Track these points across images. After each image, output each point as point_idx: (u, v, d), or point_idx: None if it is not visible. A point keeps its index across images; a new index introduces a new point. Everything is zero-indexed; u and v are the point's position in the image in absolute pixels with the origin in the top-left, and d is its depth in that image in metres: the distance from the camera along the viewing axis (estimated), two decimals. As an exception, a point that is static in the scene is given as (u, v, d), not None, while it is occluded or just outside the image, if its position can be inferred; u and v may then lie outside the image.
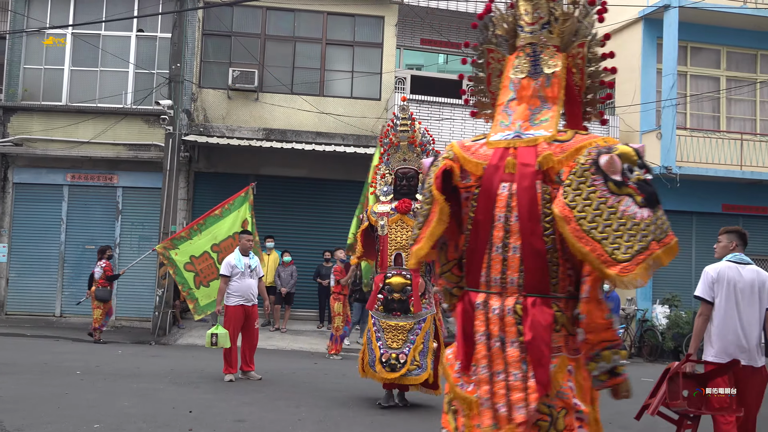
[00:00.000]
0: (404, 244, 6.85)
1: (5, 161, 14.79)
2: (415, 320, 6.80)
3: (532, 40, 2.91)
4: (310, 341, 13.19)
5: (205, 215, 10.43)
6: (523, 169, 2.71)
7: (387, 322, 6.82)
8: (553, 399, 2.60)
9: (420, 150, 7.22)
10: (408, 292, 6.78)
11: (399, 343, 6.73)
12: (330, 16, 15.49)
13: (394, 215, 7.02)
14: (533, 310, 2.63)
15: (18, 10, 14.88)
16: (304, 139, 14.73)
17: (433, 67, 18.77)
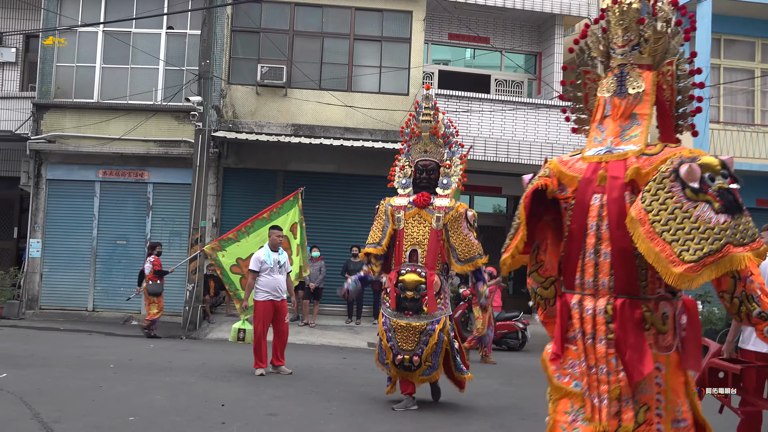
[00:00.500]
0: (420, 239, 6.44)
1: (39, 158, 15.02)
2: (428, 321, 6.33)
3: (623, 61, 3.22)
4: (338, 336, 13.22)
5: (253, 218, 10.32)
6: (612, 182, 3.01)
7: (398, 321, 6.36)
8: (638, 393, 2.86)
9: (442, 141, 6.80)
10: (422, 290, 6.30)
11: (411, 345, 6.30)
12: (358, 12, 15.48)
13: (411, 209, 6.59)
14: (623, 310, 2.91)
15: (50, 8, 15.08)
16: (332, 134, 14.76)
17: (460, 62, 18.70)
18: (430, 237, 6.46)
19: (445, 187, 6.69)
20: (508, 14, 17.32)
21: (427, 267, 6.39)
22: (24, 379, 7.44)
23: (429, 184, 6.72)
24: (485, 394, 8.11)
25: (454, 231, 6.44)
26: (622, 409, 2.86)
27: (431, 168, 6.73)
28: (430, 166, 6.73)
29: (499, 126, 15.18)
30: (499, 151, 14.91)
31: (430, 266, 6.38)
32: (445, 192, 6.65)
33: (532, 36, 18.11)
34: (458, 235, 6.44)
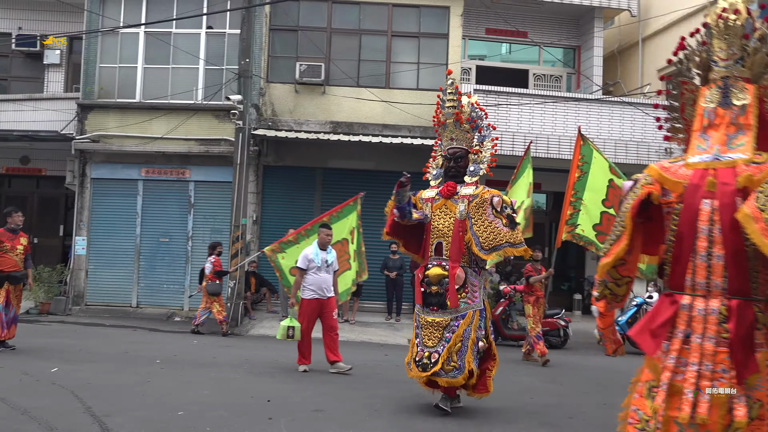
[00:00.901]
0: (446, 231, 6.14)
1: (83, 157, 15.32)
2: (451, 316, 6.02)
3: (726, 74, 3.38)
4: (378, 333, 13.25)
5: (313, 221, 10.22)
6: (723, 188, 3.15)
7: (425, 317, 6.13)
8: (751, 390, 3.03)
9: (469, 126, 6.40)
10: (446, 284, 6.01)
11: (434, 341, 6.03)
12: (395, 8, 15.47)
13: (438, 200, 6.32)
14: (737, 310, 3.07)
15: (93, 10, 15.37)
16: (371, 131, 14.78)
17: (496, 57, 18.58)
18: (453, 228, 6.15)
19: (473, 174, 6.34)
20: (546, 8, 17.15)
21: (451, 260, 6.08)
22: (74, 374, 7.61)
23: (458, 172, 6.40)
24: (528, 391, 8.06)
25: (477, 218, 6.07)
26: (735, 406, 2.99)
27: (459, 155, 6.40)
28: (458, 154, 6.40)
29: (538, 121, 15.05)
30: (538, 146, 14.77)
31: (454, 259, 6.08)
32: (472, 179, 6.32)
33: (571, 29, 17.91)
34: (482, 222, 6.03)
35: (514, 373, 9.56)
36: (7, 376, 7.38)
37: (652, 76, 17.79)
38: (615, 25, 18.86)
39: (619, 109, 15.37)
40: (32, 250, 16.30)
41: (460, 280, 6.04)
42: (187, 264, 15.22)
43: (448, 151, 6.48)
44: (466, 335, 5.95)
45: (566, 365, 10.49)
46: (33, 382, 7.09)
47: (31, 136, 15.84)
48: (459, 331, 5.92)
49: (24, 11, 17.65)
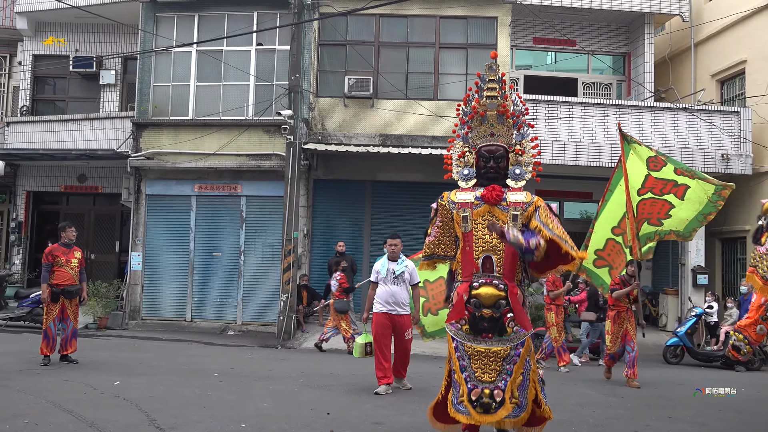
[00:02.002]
0: (495, 244, 5.00)
1: (138, 174, 15.67)
2: (512, 344, 4.93)
3: None
4: (436, 345, 13.11)
5: None
6: None
7: (475, 347, 4.93)
8: None
9: (512, 123, 5.29)
10: (502, 307, 4.89)
11: (492, 375, 4.89)
12: (442, 20, 15.49)
13: (480, 206, 5.12)
14: None
15: (147, 29, 15.76)
16: (420, 143, 14.78)
17: (543, 66, 18.43)
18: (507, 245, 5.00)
19: (518, 178, 5.27)
20: (594, 15, 16.96)
21: (506, 278, 5.01)
22: (136, 387, 7.74)
23: (498, 174, 5.26)
24: (589, 404, 7.90)
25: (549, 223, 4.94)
26: None
27: (499, 155, 5.24)
28: (498, 153, 5.24)
29: (589, 130, 14.85)
30: (590, 155, 14.58)
31: (508, 277, 5.02)
32: (518, 184, 5.24)
33: (620, 36, 17.67)
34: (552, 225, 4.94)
35: (571, 385, 9.39)
36: (73, 389, 7.54)
37: (705, 82, 17.41)
38: (666, 30, 18.54)
39: (673, 115, 15.08)
40: (89, 266, 16.78)
41: (520, 301, 5.09)
42: (239, 278, 15.40)
43: (484, 148, 5.29)
44: (527, 366, 4.98)
45: (622, 378, 10.25)
46: (98, 395, 7.23)
47: (88, 154, 16.27)
48: (521, 361, 4.94)
49: (80, 33, 18.20)
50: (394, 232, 12.28)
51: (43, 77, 18.95)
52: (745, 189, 15.64)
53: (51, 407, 6.49)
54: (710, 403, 8.32)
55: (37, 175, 18.16)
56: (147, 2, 15.82)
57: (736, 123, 14.98)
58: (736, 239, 16.46)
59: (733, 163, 14.80)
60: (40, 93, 18.95)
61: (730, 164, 14.78)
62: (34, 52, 18.35)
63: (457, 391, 4.97)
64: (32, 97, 18.49)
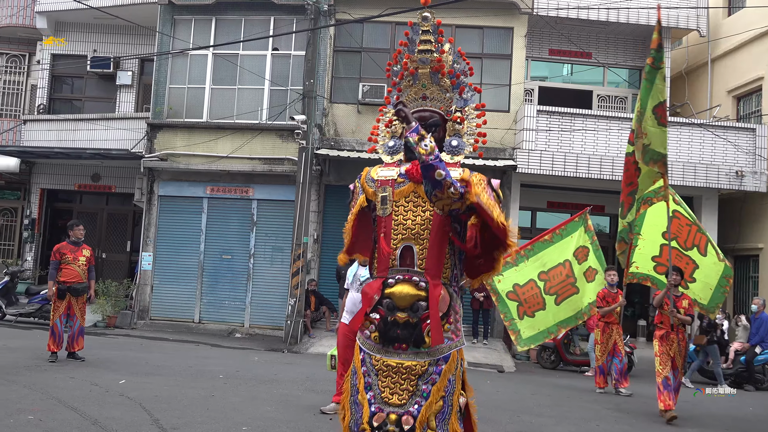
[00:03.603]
0: (418, 230, 3.68)
1: (151, 175, 15.75)
2: (431, 358, 3.58)
3: None
4: (438, 354, 13.12)
5: (533, 240, 9.54)
6: None
7: (385, 360, 3.68)
8: None
9: (449, 83, 4.07)
10: (421, 310, 3.59)
11: (403, 397, 3.62)
12: (458, 29, 15.51)
13: (403, 184, 3.82)
14: None
15: (165, 32, 15.87)
16: (433, 151, 14.75)
17: (558, 78, 18.39)
18: (432, 227, 3.72)
19: (455, 152, 4.04)
20: (611, 28, 16.91)
21: (428, 273, 3.67)
22: (142, 386, 7.76)
23: None
24: (594, 419, 7.85)
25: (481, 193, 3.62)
26: None
27: (433, 122, 4.00)
28: (432, 120, 3.99)
29: (603, 142, 14.79)
30: (603, 168, 14.52)
31: (432, 272, 3.68)
32: (455, 159, 3.99)
33: (637, 49, 17.60)
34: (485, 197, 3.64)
35: (576, 399, 9.34)
36: (78, 387, 7.57)
37: (721, 97, 17.32)
38: (683, 45, 18.47)
39: (688, 130, 15.01)
40: (100, 264, 16.88)
41: (444, 305, 3.66)
42: (248, 281, 15.43)
43: (416, 114, 3.99)
44: (449, 389, 3.62)
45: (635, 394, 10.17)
46: (102, 393, 7.25)
47: (102, 154, 16.38)
48: (441, 381, 3.59)
49: (99, 34, 18.36)
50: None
51: (61, 76, 19.11)
52: (758, 207, 15.54)
53: (56, 404, 6.52)
54: (717, 418, 8.24)
55: (52, 173, 18.31)
56: (165, 5, 15.94)
57: (751, 140, 14.89)
58: (748, 257, 16.32)
59: (748, 180, 14.70)
60: (57, 92, 19.11)
61: (745, 181, 14.68)
62: (52, 52, 18.52)
63: (358, 415, 3.77)
64: (49, 96, 18.64)
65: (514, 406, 8.35)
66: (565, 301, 9.10)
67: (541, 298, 9.06)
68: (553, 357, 13.08)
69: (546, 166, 14.47)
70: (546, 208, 16.71)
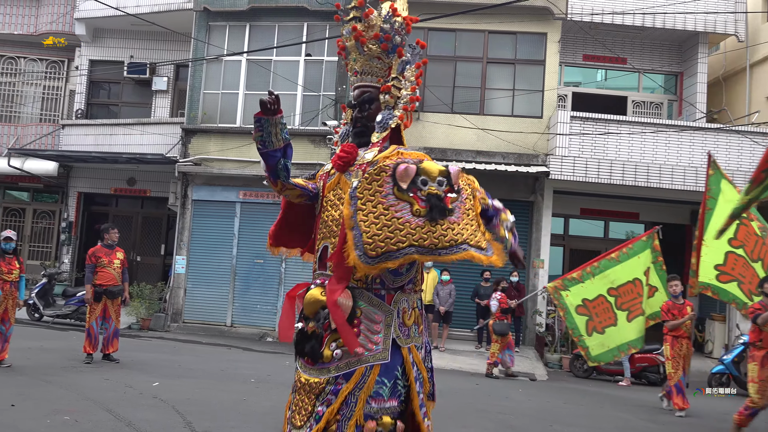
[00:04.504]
0: (333, 227, 3.20)
1: (185, 179, 15.94)
2: (328, 375, 3.05)
3: None
4: (468, 361, 13.06)
5: (599, 258, 9.41)
6: None
7: (301, 374, 3.19)
8: None
9: (379, 49, 3.38)
10: (323, 319, 3.11)
11: (303, 418, 3.11)
12: (491, 35, 15.46)
13: (332, 177, 3.34)
14: None
15: (200, 38, 16.08)
16: (465, 157, 14.73)
17: (592, 83, 18.22)
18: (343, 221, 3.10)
19: (381, 128, 3.33)
20: (646, 33, 16.72)
21: (333, 275, 3.12)
22: (174, 389, 7.84)
23: (365, 127, 3.41)
24: (628, 428, 7.74)
25: (366, 200, 2.91)
26: None
27: (364, 99, 3.41)
28: (364, 96, 3.41)
29: (638, 149, 14.60)
30: (638, 175, 14.32)
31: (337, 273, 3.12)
32: (379, 136, 3.32)
33: (673, 55, 17.37)
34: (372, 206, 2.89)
35: (608, 409, 9.21)
36: (113, 388, 7.68)
37: (760, 103, 16.99)
38: (720, 50, 18.17)
39: (725, 137, 14.75)
40: (135, 268, 17.14)
41: (345, 311, 3.06)
42: (280, 285, 15.51)
43: (353, 92, 3.51)
44: (346, 411, 3.02)
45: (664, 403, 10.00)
46: (136, 395, 7.34)
47: (138, 158, 16.62)
48: (338, 401, 3.02)
49: (136, 41, 18.67)
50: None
51: (99, 82, 19.46)
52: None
53: (91, 405, 6.62)
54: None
55: (89, 176, 18.64)
56: (200, 11, 16.15)
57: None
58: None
59: (787, 188, 14.37)
60: (94, 97, 19.46)
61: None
62: (90, 57, 18.87)
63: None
64: (87, 101, 18.99)
65: (546, 415, 8.27)
66: (635, 319, 8.95)
67: (612, 313, 8.95)
68: (585, 366, 12.92)
69: (579, 172, 14.33)
70: (579, 215, 16.56)
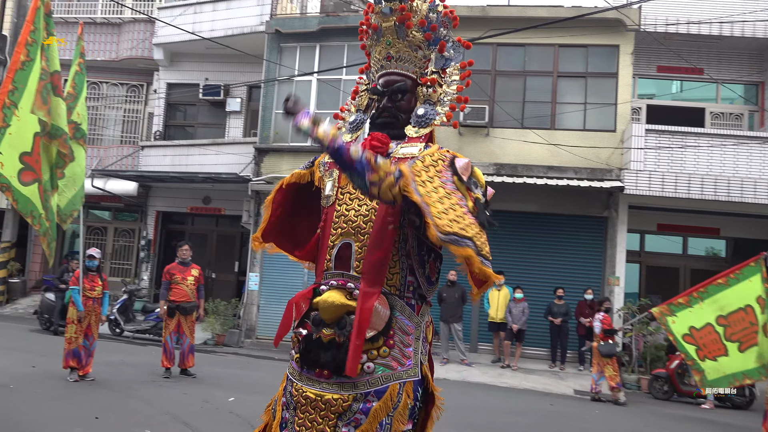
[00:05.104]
0: (360, 224, 2.82)
1: (258, 198, 16.25)
2: (357, 391, 2.65)
3: None
4: (542, 381, 12.81)
5: (706, 283, 8.97)
6: None
7: (305, 389, 2.72)
8: None
9: (423, 37, 3.03)
10: (350, 327, 2.66)
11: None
12: (561, 48, 15.24)
13: None
14: None
15: (271, 59, 16.45)
16: (536, 173, 14.54)
17: (667, 95, 17.74)
18: (376, 219, 2.79)
19: (423, 123, 3.02)
20: (724, 42, 16.19)
21: (365, 278, 2.71)
22: (249, 404, 7.95)
23: (394, 118, 3.01)
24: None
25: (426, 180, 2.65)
26: None
27: (400, 88, 3.01)
28: (398, 85, 3.01)
29: (717, 162, 14.09)
30: (718, 189, 13.81)
31: (370, 277, 2.71)
32: (420, 132, 3.00)
33: (753, 64, 16.76)
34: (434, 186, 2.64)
35: None
36: (191, 403, 7.85)
37: None
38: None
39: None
40: (210, 284, 17.52)
41: (380, 320, 2.68)
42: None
43: (379, 80, 3.05)
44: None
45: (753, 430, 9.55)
46: (213, 410, 7.49)
47: (213, 177, 17.06)
48: (369, 424, 2.62)
49: (210, 63, 19.23)
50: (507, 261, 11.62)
51: (175, 104, 20.12)
52: None
53: (170, 419, 6.78)
54: None
55: (167, 196, 19.24)
56: (272, 34, 16.54)
57: None
58: None
59: None
60: (171, 119, 20.12)
61: None
62: (168, 81, 19.54)
63: None
64: (165, 122, 19.65)
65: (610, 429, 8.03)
66: (749, 349, 8.56)
67: (722, 345, 8.55)
68: (666, 387, 12.47)
69: (656, 187, 13.93)
70: (656, 231, 16.07)
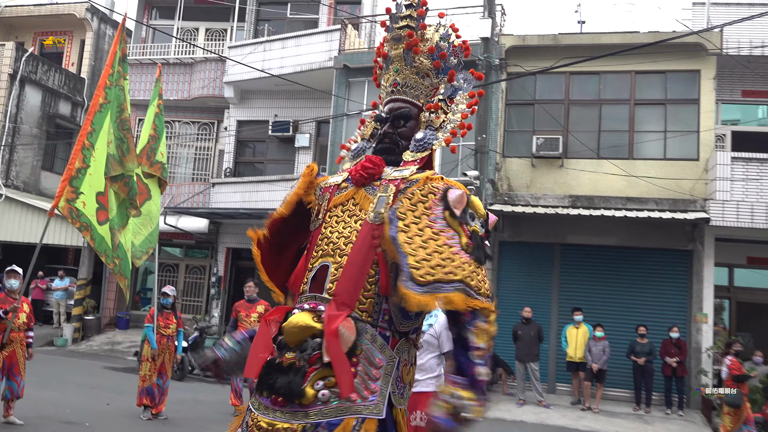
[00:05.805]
0: (340, 245, 2.66)
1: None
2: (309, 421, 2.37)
3: None
4: (626, 425, 12.07)
5: None
6: None
7: (260, 417, 2.48)
8: None
9: (431, 64, 2.93)
10: (311, 350, 2.47)
11: None
12: (638, 75, 14.69)
13: (345, 190, 2.81)
14: None
15: (339, 94, 16.43)
16: (613, 204, 13.94)
17: (753, 122, 16.85)
18: (357, 239, 2.65)
19: (419, 147, 2.85)
20: (815, 64, 15.31)
21: (336, 300, 2.55)
22: None
23: (395, 144, 2.89)
24: None
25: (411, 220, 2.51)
26: None
27: (402, 113, 2.90)
28: (400, 111, 2.90)
29: (813, 189, 13.20)
30: (813, 220, 12.92)
31: (342, 299, 2.55)
32: (416, 156, 2.83)
33: None
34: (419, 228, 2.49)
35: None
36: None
37: None
38: None
39: None
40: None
41: (345, 344, 2.45)
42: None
43: (385, 107, 2.99)
44: None
45: None
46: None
47: (282, 213, 17.03)
48: None
49: (279, 99, 19.38)
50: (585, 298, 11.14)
51: (245, 141, 20.32)
52: None
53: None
54: None
55: (236, 232, 19.33)
56: (340, 69, 16.55)
57: None
58: None
59: None
60: (241, 156, 20.31)
61: None
62: (238, 118, 19.78)
63: None
64: (235, 159, 19.85)
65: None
66: None
67: None
68: None
69: (744, 218, 13.13)
70: (746, 264, 15.14)
